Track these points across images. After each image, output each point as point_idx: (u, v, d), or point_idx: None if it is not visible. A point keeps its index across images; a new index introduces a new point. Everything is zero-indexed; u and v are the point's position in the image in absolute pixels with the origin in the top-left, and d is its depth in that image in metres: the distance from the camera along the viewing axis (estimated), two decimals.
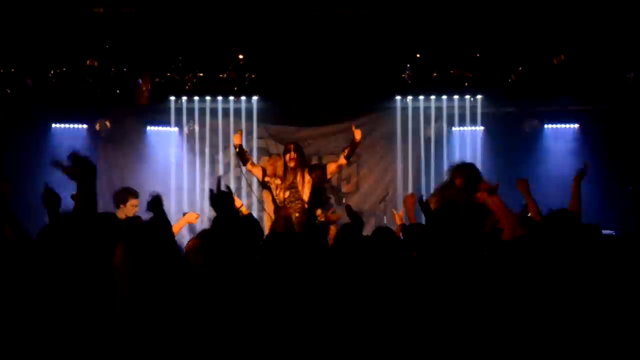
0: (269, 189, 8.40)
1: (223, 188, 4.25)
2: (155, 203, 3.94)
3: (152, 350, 2.87)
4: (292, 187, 8.28)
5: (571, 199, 6.03)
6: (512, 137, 11.25)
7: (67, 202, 4.10)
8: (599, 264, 3.83)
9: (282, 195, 8.34)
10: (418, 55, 9.09)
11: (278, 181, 8.34)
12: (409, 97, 11.18)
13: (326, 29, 8.76)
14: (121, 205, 7.94)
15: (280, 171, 8.40)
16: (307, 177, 8.33)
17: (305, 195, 8.12)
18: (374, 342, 3.52)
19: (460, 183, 6.88)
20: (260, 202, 9.07)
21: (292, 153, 8.43)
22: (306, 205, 7.94)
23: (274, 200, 8.31)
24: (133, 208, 7.91)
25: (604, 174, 10.93)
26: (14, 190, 10.16)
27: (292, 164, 8.35)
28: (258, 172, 8.56)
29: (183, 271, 3.22)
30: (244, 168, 9.01)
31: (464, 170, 7.21)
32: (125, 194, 8.11)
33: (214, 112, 11.28)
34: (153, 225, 3.19)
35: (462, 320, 3.61)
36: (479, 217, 5.00)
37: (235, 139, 8.61)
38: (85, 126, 11.37)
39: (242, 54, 9.04)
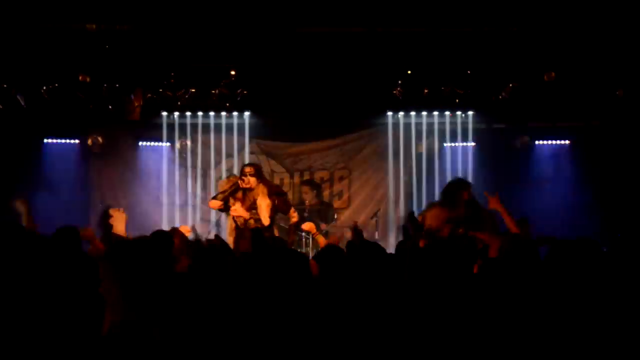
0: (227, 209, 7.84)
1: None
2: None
3: None
4: (252, 208, 7.68)
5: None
6: (503, 153, 11.29)
7: None
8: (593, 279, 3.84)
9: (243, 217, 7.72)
10: (409, 72, 9.12)
11: (238, 203, 7.73)
12: (401, 113, 11.22)
13: (318, 46, 8.80)
14: None
15: (240, 193, 7.78)
16: (268, 201, 7.69)
17: (264, 217, 7.51)
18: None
19: (467, 196, 6.70)
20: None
21: (247, 177, 7.72)
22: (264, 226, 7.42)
23: (236, 225, 7.71)
24: None
25: (594, 190, 10.99)
26: (6, 205, 10.21)
27: (247, 186, 7.69)
28: (217, 204, 7.91)
29: (171, 287, 3.20)
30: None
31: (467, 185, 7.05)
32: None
33: (205, 127, 11.30)
34: (137, 243, 3.16)
35: (453, 338, 3.62)
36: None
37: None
38: (77, 141, 11.38)
39: (233, 70, 9.06)
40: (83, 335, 2.95)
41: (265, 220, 7.41)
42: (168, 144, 11.43)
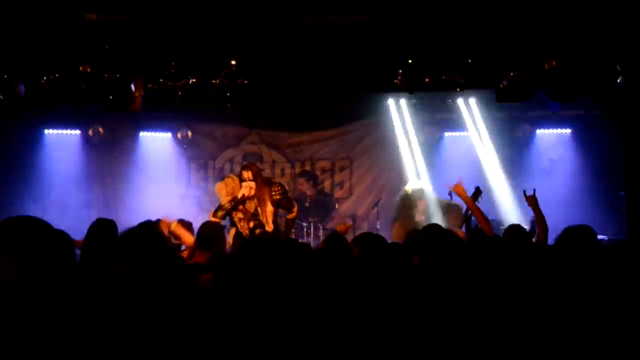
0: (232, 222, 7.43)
1: None
2: None
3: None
4: (255, 215, 7.33)
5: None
6: (504, 142, 11.30)
7: None
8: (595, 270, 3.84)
9: (247, 225, 7.30)
10: (410, 61, 9.09)
11: (240, 214, 7.34)
12: (402, 102, 11.22)
13: (318, 35, 8.76)
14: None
15: (240, 205, 7.36)
16: (270, 207, 7.34)
17: (267, 224, 7.22)
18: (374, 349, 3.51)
19: None
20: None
21: (247, 183, 7.29)
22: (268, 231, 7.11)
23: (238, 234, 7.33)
24: None
25: (595, 179, 11.00)
26: (8, 196, 10.23)
27: (248, 195, 7.29)
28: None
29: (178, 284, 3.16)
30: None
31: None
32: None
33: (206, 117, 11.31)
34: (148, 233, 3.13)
35: (462, 327, 3.61)
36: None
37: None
38: (78, 132, 11.39)
39: (234, 60, 9.03)
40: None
41: (269, 227, 7.21)
42: (169, 134, 11.44)
